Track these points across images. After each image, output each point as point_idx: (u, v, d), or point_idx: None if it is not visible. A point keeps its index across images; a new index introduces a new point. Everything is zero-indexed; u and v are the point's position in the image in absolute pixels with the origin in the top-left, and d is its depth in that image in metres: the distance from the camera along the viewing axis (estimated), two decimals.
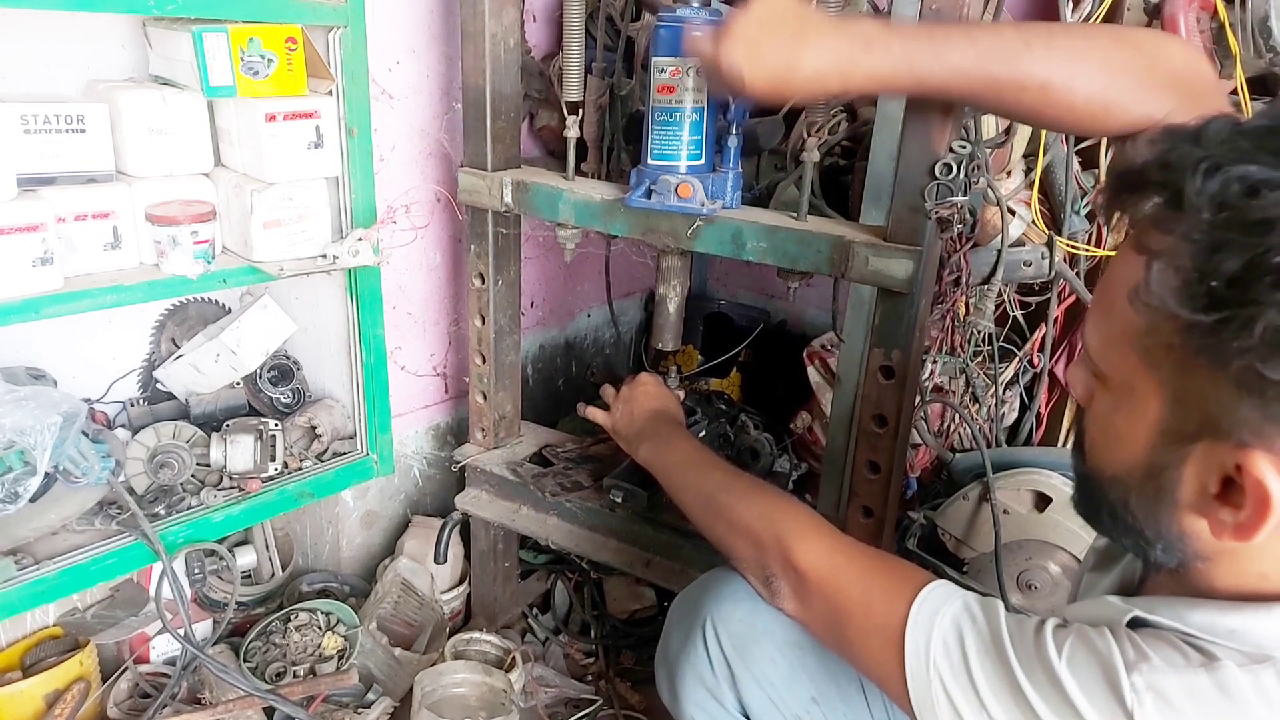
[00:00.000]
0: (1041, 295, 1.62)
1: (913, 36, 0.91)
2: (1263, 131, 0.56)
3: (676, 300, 1.44)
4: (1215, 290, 0.53)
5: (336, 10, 1.31)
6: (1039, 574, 1.48)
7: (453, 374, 1.96)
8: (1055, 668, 0.64)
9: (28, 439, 1.16)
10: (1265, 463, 0.55)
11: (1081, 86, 0.85)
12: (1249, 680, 0.59)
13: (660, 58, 1.21)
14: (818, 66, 0.93)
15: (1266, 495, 0.55)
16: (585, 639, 1.82)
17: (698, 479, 1.16)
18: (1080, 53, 0.86)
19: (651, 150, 1.26)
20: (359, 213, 1.44)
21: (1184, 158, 0.55)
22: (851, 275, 1.17)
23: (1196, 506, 0.61)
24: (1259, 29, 1.43)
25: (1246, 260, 0.51)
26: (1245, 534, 0.58)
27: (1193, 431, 0.59)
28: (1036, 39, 0.88)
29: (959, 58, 0.89)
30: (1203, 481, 0.60)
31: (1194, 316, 0.54)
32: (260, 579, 1.72)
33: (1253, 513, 0.57)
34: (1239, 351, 0.52)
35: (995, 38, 0.89)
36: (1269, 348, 0.51)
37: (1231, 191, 0.53)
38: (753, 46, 0.95)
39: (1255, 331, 0.51)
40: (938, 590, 0.77)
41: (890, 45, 0.91)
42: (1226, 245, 0.52)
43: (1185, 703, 0.59)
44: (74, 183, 1.22)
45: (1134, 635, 0.64)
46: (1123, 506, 0.67)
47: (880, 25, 0.94)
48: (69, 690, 1.39)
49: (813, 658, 0.98)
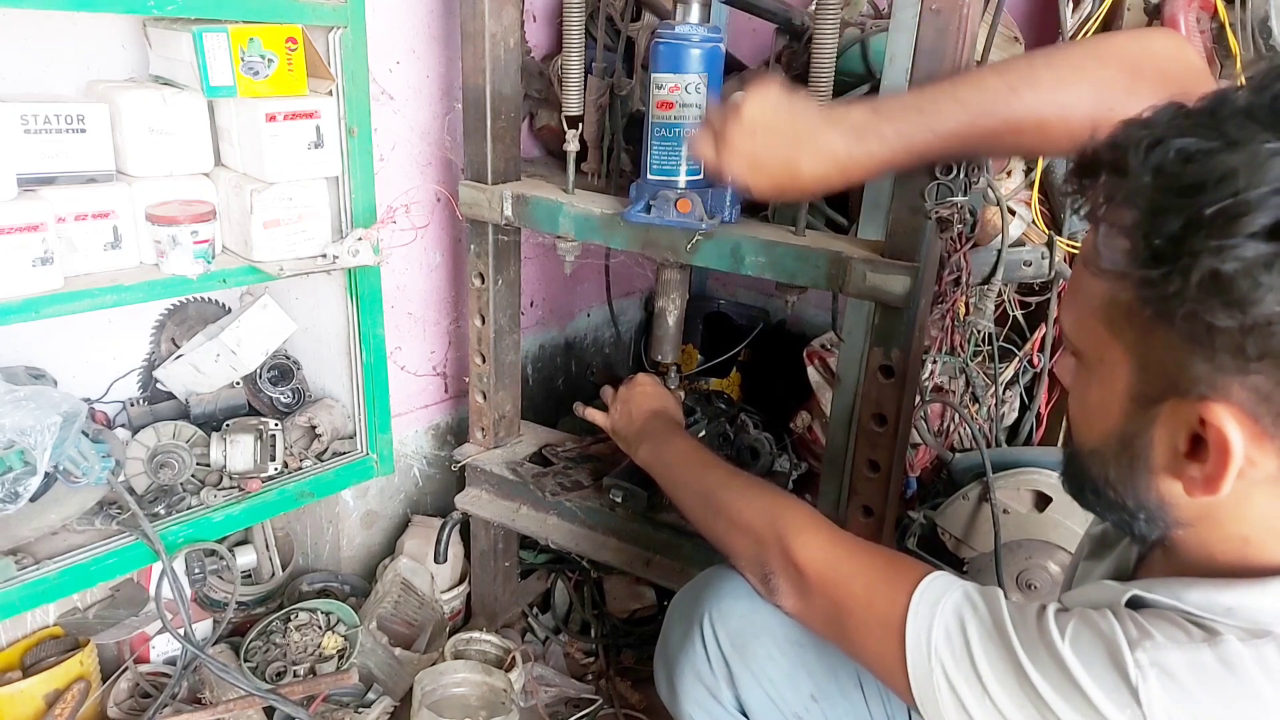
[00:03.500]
0: (1041, 295, 1.62)
1: (901, 115, 0.92)
2: (1203, 111, 0.59)
3: (676, 313, 1.46)
4: (1158, 247, 0.57)
5: (336, 10, 1.31)
6: (1039, 574, 1.48)
7: (453, 374, 1.96)
8: (1059, 649, 0.64)
9: (28, 439, 1.16)
10: (1223, 412, 0.58)
11: (1075, 113, 0.86)
12: (1251, 654, 0.60)
13: (659, 74, 1.22)
14: (817, 171, 0.95)
15: (1226, 443, 0.58)
16: (585, 638, 1.82)
17: (696, 478, 1.16)
18: (1066, 81, 0.87)
19: (651, 165, 1.27)
20: (359, 212, 1.44)
21: (1130, 137, 0.60)
22: (849, 290, 1.18)
23: (1169, 468, 0.64)
24: (1259, 29, 1.43)
25: (1185, 219, 0.55)
26: (1212, 486, 0.60)
27: (1157, 394, 0.62)
28: (1020, 80, 0.88)
29: (951, 124, 0.90)
30: (1172, 442, 0.62)
31: (1143, 272, 0.58)
32: (260, 579, 1.72)
33: (1216, 463, 0.59)
34: (1181, 302, 0.56)
35: (979, 91, 0.90)
36: (1206, 294, 0.54)
37: (1169, 160, 0.57)
38: (752, 159, 0.98)
39: (1192, 279, 0.54)
40: (938, 581, 0.77)
41: (883, 131, 0.92)
42: (1166, 207, 0.56)
43: (1190, 678, 0.60)
44: (74, 183, 1.22)
45: (1135, 615, 0.64)
46: (1103, 480, 0.69)
47: (867, 112, 0.94)
48: (69, 690, 1.39)
49: (812, 655, 0.98)
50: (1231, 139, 0.55)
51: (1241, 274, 0.53)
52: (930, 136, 0.91)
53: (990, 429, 1.64)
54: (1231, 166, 0.54)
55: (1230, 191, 0.53)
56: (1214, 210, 0.53)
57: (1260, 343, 0.54)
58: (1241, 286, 0.53)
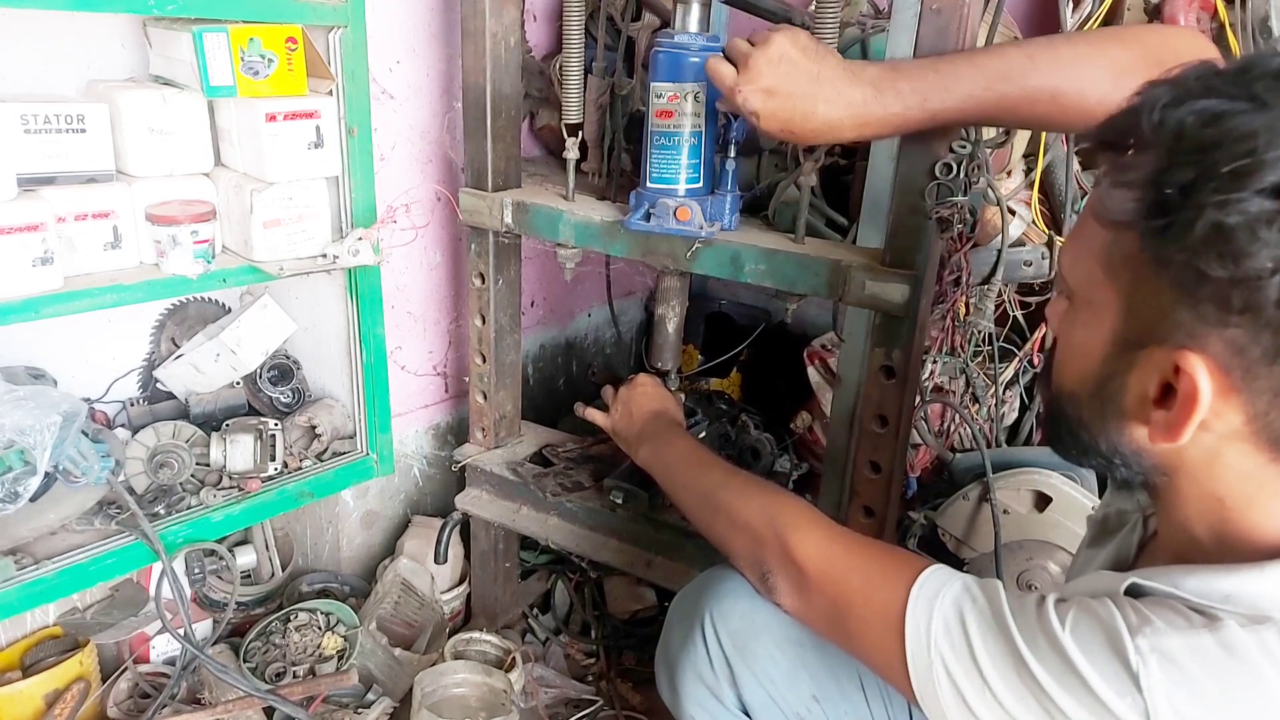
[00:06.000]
0: (1041, 295, 1.62)
1: (919, 74, 0.95)
2: (1234, 70, 0.60)
3: (675, 320, 1.46)
4: (1168, 197, 0.58)
5: (336, 10, 1.31)
6: (1039, 574, 1.48)
7: (453, 373, 1.96)
8: (1059, 638, 0.64)
9: (28, 439, 1.16)
10: (1197, 361, 0.60)
11: (1092, 90, 0.88)
12: (1253, 639, 0.60)
13: (659, 83, 1.22)
14: (830, 116, 0.97)
15: (1194, 391, 0.60)
16: (586, 639, 1.82)
17: (696, 478, 1.16)
18: (1085, 58, 0.88)
19: (650, 173, 1.27)
20: (359, 212, 1.44)
21: (1155, 95, 0.61)
22: (849, 299, 1.18)
23: (1136, 414, 0.66)
24: (1259, 29, 1.43)
25: (1197, 172, 0.56)
26: (1174, 433, 0.62)
27: (1138, 339, 0.64)
28: (1040, 52, 0.91)
29: (968, 85, 0.92)
30: (1143, 388, 0.64)
31: (1148, 223, 0.60)
32: (260, 579, 1.72)
33: (1181, 410, 0.61)
34: (1180, 250, 0.58)
35: (999, 59, 0.92)
36: (1205, 244, 0.56)
37: (1189, 121, 0.58)
38: (770, 89, 0.99)
39: (1195, 230, 0.56)
40: (936, 574, 0.77)
41: (899, 87, 0.95)
42: (1181, 162, 0.58)
43: (1191, 663, 0.60)
44: (74, 182, 1.22)
45: (1135, 602, 0.64)
46: (1078, 422, 0.71)
47: (886, 69, 0.98)
48: (69, 690, 1.39)
49: (813, 654, 0.98)
50: (1260, 100, 0.56)
51: (1242, 227, 0.54)
52: (947, 97, 0.93)
53: (990, 429, 1.64)
54: (1253, 127, 0.55)
55: (1247, 150, 0.55)
56: (1229, 168, 0.55)
57: (1245, 295, 0.56)
58: (1240, 239, 0.54)
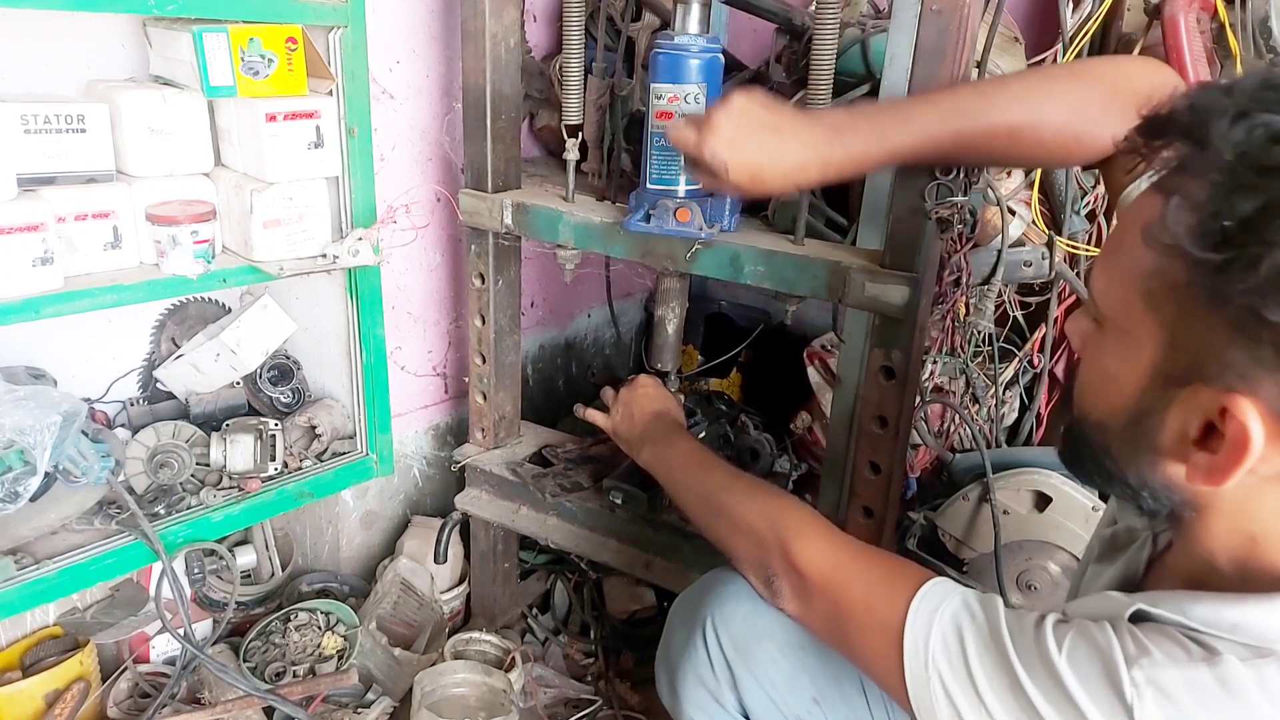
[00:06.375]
0: (1041, 295, 1.62)
1: (877, 115, 0.99)
2: None
3: (675, 322, 1.46)
4: (1228, 229, 0.53)
5: (336, 10, 1.31)
6: (1039, 574, 1.48)
7: (453, 374, 1.96)
8: (1055, 663, 0.64)
9: (28, 438, 1.15)
10: (1249, 406, 0.56)
11: (1047, 123, 0.90)
12: (1251, 675, 0.59)
13: (658, 84, 1.22)
14: (798, 158, 0.99)
15: (1246, 438, 0.57)
16: (585, 639, 1.82)
17: (698, 480, 1.16)
18: (1039, 94, 0.91)
19: (650, 175, 1.27)
20: (359, 212, 1.44)
21: (1213, 104, 0.57)
22: (848, 301, 1.18)
23: (1174, 452, 0.63)
24: (1259, 29, 1.43)
25: (1262, 203, 0.52)
26: (1219, 477, 0.59)
27: (1182, 375, 0.60)
28: (994, 91, 0.94)
29: (924, 123, 0.94)
30: (1184, 426, 0.61)
31: (1204, 255, 0.55)
32: (260, 579, 1.72)
33: (1229, 455, 0.58)
34: (1241, 291, 0.53)
35: (954, 98, 0.96)
36: (1270, 287, 0.52)
37: (1255, 137, 0.54)
38: (734, 140, 1.01)
39: (1260, 271, 0.52)
40: (937, 587, 0.77)
41: (858, 126, 0.98)
42: (1244, 188, 0.53)
43: (1186, 697, 0.59)
44: (74, 182, 1.22)
45: (1135, 630, 0.64)
46: (1104, 452, 0.69)
47: (844, 112, 1.01)
48: (69, 690, 1.39)
49: (814, 658, 0.98)
50: None
51: None
52: (904, 134, 0.95)
53: (990, 429, 1.64)
54: None
55: None
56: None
57: None
58: None
